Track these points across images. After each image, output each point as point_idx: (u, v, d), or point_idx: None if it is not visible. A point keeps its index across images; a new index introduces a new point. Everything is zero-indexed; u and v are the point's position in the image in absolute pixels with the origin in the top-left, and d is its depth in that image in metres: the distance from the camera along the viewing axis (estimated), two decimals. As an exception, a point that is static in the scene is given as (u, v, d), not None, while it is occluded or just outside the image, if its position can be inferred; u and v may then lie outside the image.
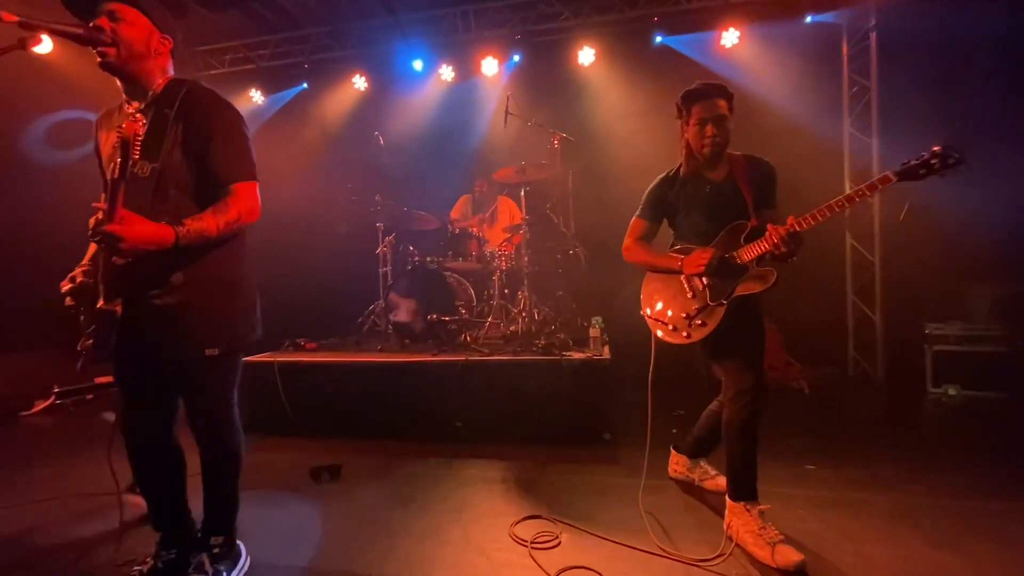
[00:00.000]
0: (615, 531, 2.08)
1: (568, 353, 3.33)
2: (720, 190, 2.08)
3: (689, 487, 2.50)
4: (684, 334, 2.07)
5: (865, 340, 4.73)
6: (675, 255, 2.12)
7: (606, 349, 3.41)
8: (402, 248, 4.46)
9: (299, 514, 2.39)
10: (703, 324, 2.03)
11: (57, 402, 4.42)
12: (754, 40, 4.87)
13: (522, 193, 4.17)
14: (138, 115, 1.44)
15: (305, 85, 5.99)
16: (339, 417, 3.47)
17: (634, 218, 2.28)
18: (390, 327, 4.09)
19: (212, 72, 5.78)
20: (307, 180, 5.69)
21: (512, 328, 3.97)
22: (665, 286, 2.18)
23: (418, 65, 5.61)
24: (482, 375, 3.31)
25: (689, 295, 2.09)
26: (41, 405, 4.35)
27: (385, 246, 4.65)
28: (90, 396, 4.64)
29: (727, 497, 2.03)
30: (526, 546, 2.00)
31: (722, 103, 2.01)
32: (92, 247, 1.69)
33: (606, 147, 5.13)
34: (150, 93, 1.62)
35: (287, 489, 2.66)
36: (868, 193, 1.71)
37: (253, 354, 3.74)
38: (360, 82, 5.73)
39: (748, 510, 1.95)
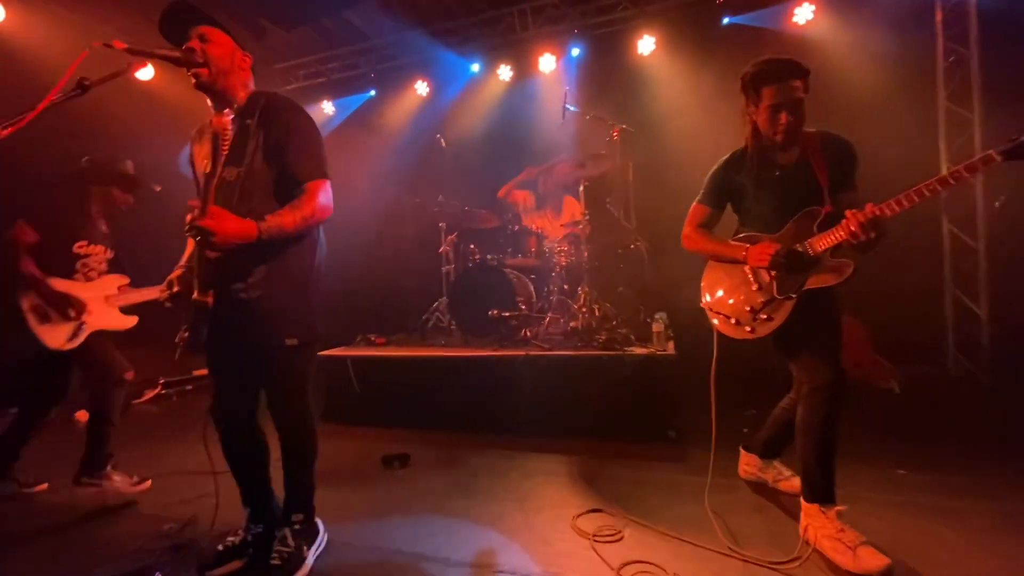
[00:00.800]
0: (680, 529, 2.02)
1: (630, 348, 3.27)
2: (791, 173, 1.94)
3: (761, 488, 2.38)
4: (747, 328, 1.97)
5: (967, 336, 4.27)
6: (739, 244, 2.01)
7: (671, 345, 3.32)
8: (463, 247, 4.57)
9: (370, 498, 2.52)
10: (769, 319, 1.91)
11: (163, 392, 4.94)
12: (831, 9, 4.53)
13: (581, 188, 4.13)
14: (226, 112, 1.58)
15: (372, 92, 6.28)
16: (406, 409, 3.62)
17: (695, 203, 2.17)
18: (452, 323, 4.21)
19: (288, 87, 6.20)
20: (374, 184, 5.96)
21: (572, 324, 3.95)
22: (728, 276, 2.08)
23: (475, 67, 5.74)
24: (543, 370, 3.33)
25: (754, 287, 1.97)
26: (150, 394, 4.87)
27: (447, 245, 4.78)
28: (190, 387, 5.14)
29: (801, 499, 1.92)
30: (588, 539, 1.99)
31: (798, 84, 1.83)
32: (189, 248, 1.88)
33: (668, 137, 4.98)
34: (235, 106, 1.78)
35: (360, 474, 2.82)
36: (967, 175, 1.53)
37: (328, 348, 3.99)
38: (422, 87, 5.93)
39: (824, 512, 1.82)
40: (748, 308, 1.97)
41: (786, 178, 1.95)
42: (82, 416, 4.26)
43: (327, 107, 6.33)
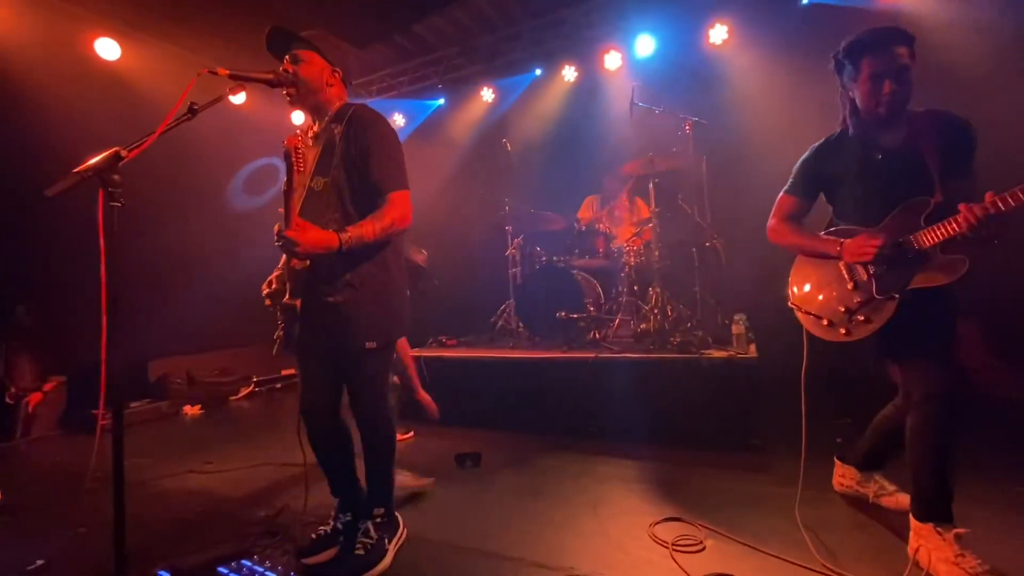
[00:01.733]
0: (768, 542, 1.90)
1: (708, 352, 3.13)
2: (895, 157, 1.74)
3: (860, 503, 2.18)
4: (842, 330, 1.80)
5: (1113, 339, 3.68)
6: (832, 238, 1.84)
7: (752, 348, 3.14)
8: (530, 249, 4.58)
9: (446, 495, 2.58)
10: (867, 320, 1.74)
11: (256, 389, 5.35)
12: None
13: (651, 185, 4.01)
14: (298, 131, 1.69)
15: (442, 100, 6.47)
16: (478, 409, 3.68)
17: (782, 193, 2.01)
18: (520, 325, 4.23)
19: (360, 102, 6.53)
20: (443, 190, 6.14)
21: (643, 326, 3.84)
22: (819, 273, 1.91)
23: (538, 71, 5.76)
24: (614, 373, 3.26)
25: (849, 285, 1.80)
26: (244, 391, 5.30)
27: (514, 248, 4.81)
28: (279, 385, 5.54)
29: (911, 517, 1.74)
30: (667, 547, 1.92)
31: (902, 51, 1.65)
32: (284, 256, 2.03)
33: (744, 129, 4.72)
34: (327, 115, 1.90)
35: (434, 471, 2.89)
36: None
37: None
38: (488, 94, 6.03)
39: (940, 533, 1.64)
40: (842, 308, 1.81)
41: (889, 162, 1.75)
42: (189, 410, 4.72)
43: (398, 118, 6.59)
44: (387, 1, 4.83)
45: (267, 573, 1.85)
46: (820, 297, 1.89)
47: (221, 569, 1.90)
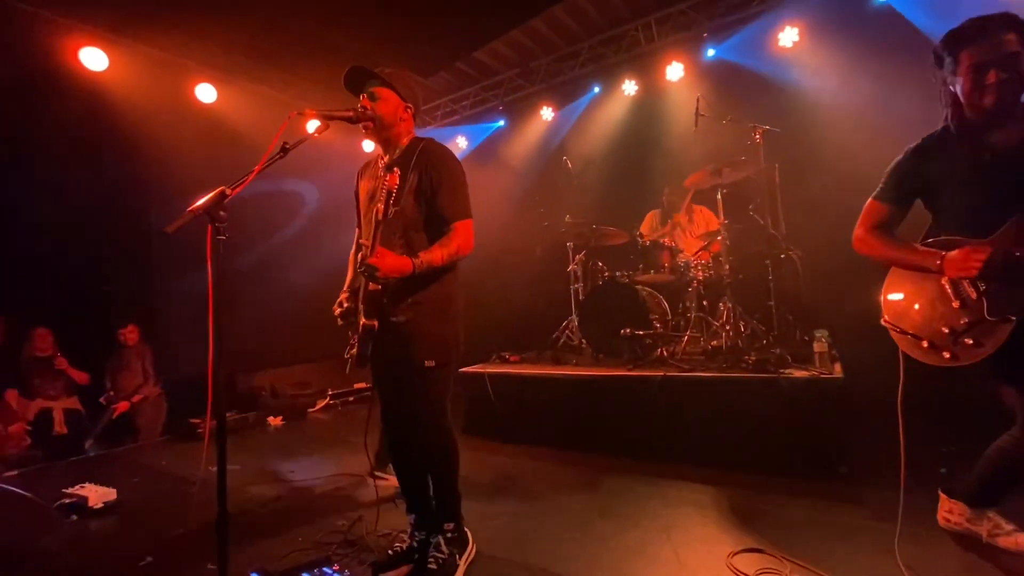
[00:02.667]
0: (863, 582, 1.75)
1: (787, 371, 2.95)
2: (1007, 157, 1.55)
3: (971, 543, 1.95)
4: (946, 354, 1.62)
5: None
6: (932, 250, 1.67)
7: (837, 367, 2.93)
8: (592, 264, 4.55)
9: (513, 513, 2.58)
10: (976, 344, 1.56)
11: (331, 402, 5.64)
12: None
13: (718, 196, 3.89)
14: (396, 170, 1.80)
15: (501, 123, 6.63)
16: (540, 426, 3.66)
17: (871, 200, 1.83)
18: (583, 341, 4.19)
19: (427, 128, 6.83)
20: (504, 209, 6.25)
21: (714, 343, 3.69)
22: (917, 288, 1.74)
23: (597, 89, 5.78)
24: (684, 392, 3.15)
25: (955, 304, 1.62)
26: (321, 404, 5.60)
27: (575, 264, 4.81)
28: (352, 398, 5.80)
29: (1038, 562, 1.54)
30: (748, 581, 1.82)
31: (1010, 37, 1.49)
32: (349, 275, 2.15)
33: (820, 133, 4.47)
34: (397, 150, 2.02)
35: (501, 489, 2.91)
36: None
37: (466, 366, 4.22)
38: (547, 113, 6.11)
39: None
40: (946, 329, 1.64)
41: (1000, 164, 1.56)
42: (273, 421, 5.04)
43: (460, 141, 6.83)
44: (451, 31, 5.05)
45: (346, 582, 1.93)
46: (919, 316, 1.72)
47: (305, 574, 2.00)
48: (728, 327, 3.65)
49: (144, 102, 4.62)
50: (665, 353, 3.64)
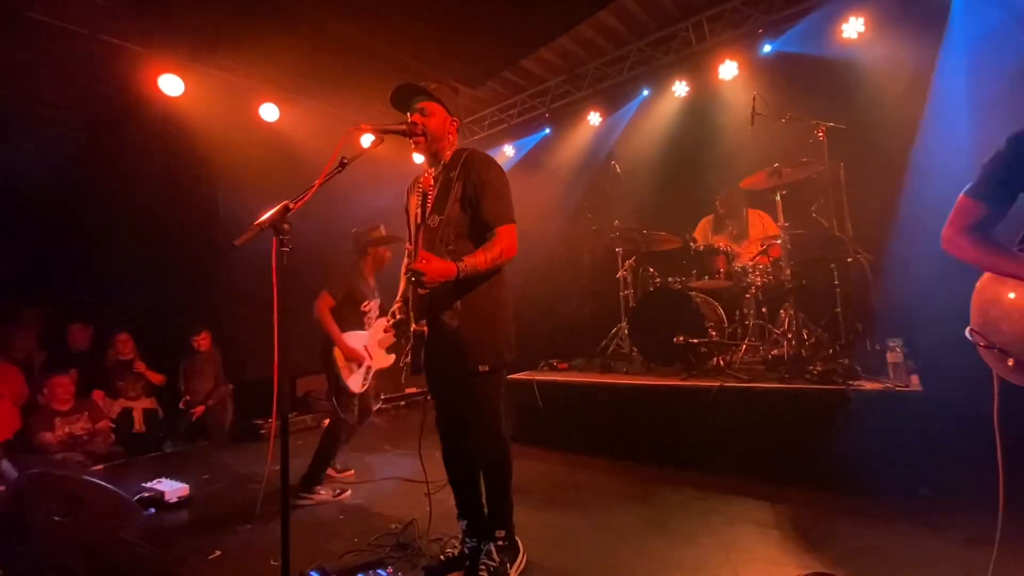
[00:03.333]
0: (952, 616, 1.59)
1: (856, 383, 2.76)
2: None
3: (1082, 579, 1.75)
4: None
5: None
6: None
7: (914, 379, 2.71)
8: (642, 271, 4.45)
9: (563, 523, 2.55)
10: None
11: (384, 406, 5.79)
12: None
13: (777, 198, 3.71)
14: (429, 170, 1.83)
15: (547, 131, 6.63)
16: (590, 435, 3.60)
17: (963, 196, 1.62)
18: (634, 349, 4.10)
19: (475, 138, 6.93)
20: (552, 216, 6.23)
21: (775, 352, 3.52)
22: (1016, 299, 1.56)
23: (646, 91, 5.67)
24: (742, 403, 3.01)
25: None
26: (374, 407, 5.74)
27: (625, 270, 4.71)
28: (403, 403, 5.93)
29: None
30: (818, 607, 1.70)
31: None
32: (401, 286, 2.20)
33: (888, 130, 4.18)
34: (442, 162, 2.06)
35: (552, 498, 2.87)
36: None
37: (514, 373, 4.22)
38: (595, 118, 6.06)
39: None
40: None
41: None
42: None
43: (507, 150, 6.88)
44: (498, 41, 5.11)
45: (399, 585, 1.96)
46: (1012, 329, 1.54)
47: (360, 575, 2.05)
48: (790, 335, 3.47)
49: (214, 123, 4.95)
50: (721, 362, 3.50)
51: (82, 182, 4.92)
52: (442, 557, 2.11)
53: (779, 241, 3.69)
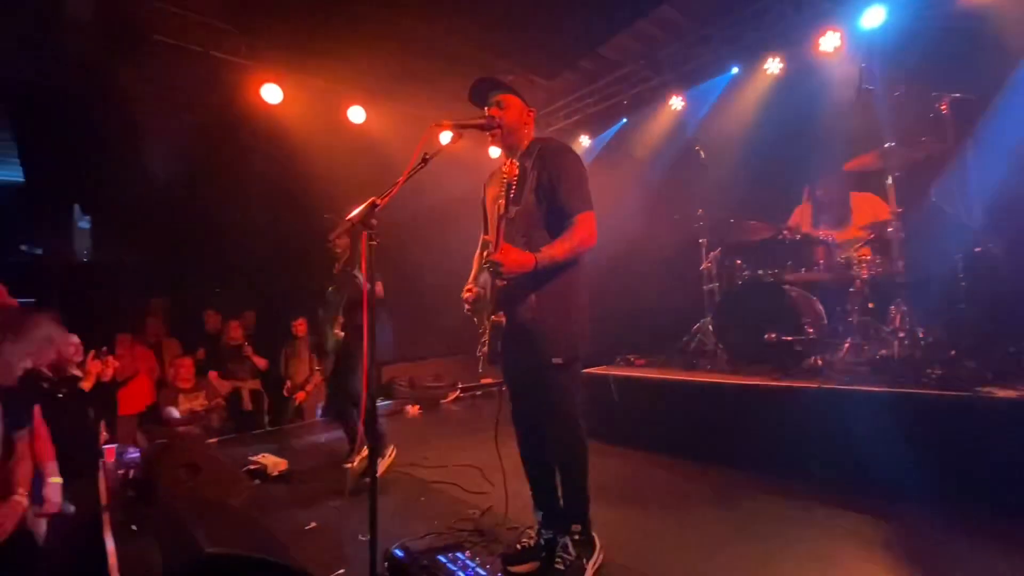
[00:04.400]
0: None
1: (986, 389, 2.42)
2: None
3: None
4: None
5: None
6: None
7: (1060, 387, 2.33)
8: (729, 262, 4.19)
9: (642, 523, 2.48)
10: None
11: (461, 395, 5.97)
12: None
13: (889, 181, 3.33)
14: (513, 160, 1.86)
15: (624, 120, 6.43)
16: (669, 434, 3.46)
17: None
18: (719, 346, 3.88)
19: (549, 130, 6.87)
20: (631, 206, 6.04)
21: (883, 352, 3.17)
22: None
23: (735, 69, 5.30)
24: (843, 408, 2.75)
25: None
26: (452, 396, 5.95)
27: (709, 262, 4.47)
28: (479, 392, 6.08)
29: None
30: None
31: None
32: (473, 271, 2.23)
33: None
34: (519, 153, 2.06)
35: (628, 496, 2.81)
36: None
37: (591, 367, 4.15)
38: (676, 103, 5.78)
39: None
40: None
41: None
42: (411, 410, 5.48)
43: (584, 140, 6.76)
44: (573, 28, 5.02)
45: (478, 570, 2.01)
46: None
47: (440, 557, 2.13)
48: (902, 334, 3.11)
49: (308, 127, 5.32)
50: (820, 362, 3.22)
51: (200, 185, 5.51)
52: (518, 547, 2.14)
53: (890, 229, 3.33)
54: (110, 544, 2.18)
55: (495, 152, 6.60)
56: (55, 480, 2.25)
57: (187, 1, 4.31)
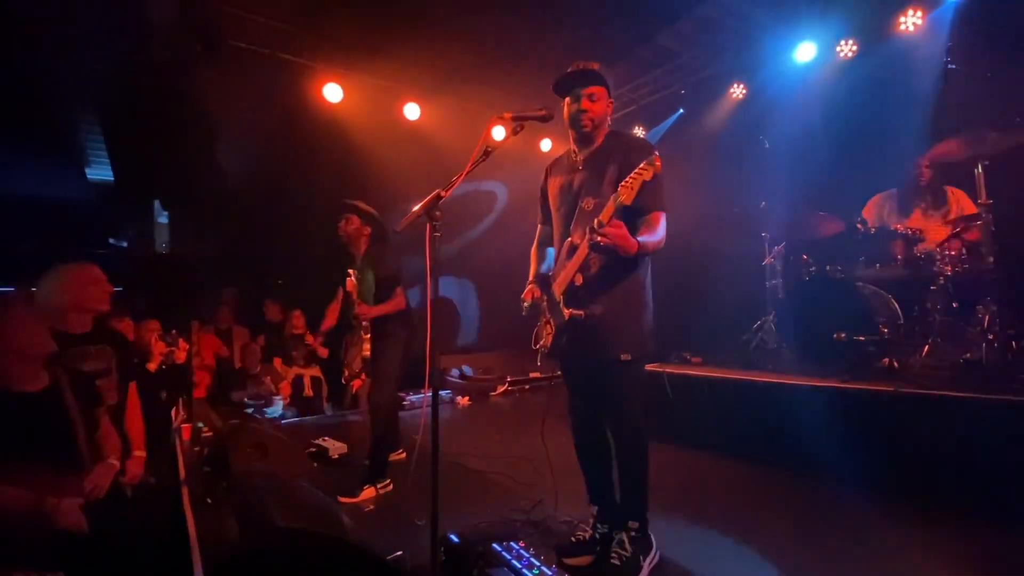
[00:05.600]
0: None
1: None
2: None
3: None
4: None
5: None
6: None
7: None
8: (794, 257, 3.98)
9: (701, 527, 2.41)
10: None
11: (509, 388, 6.01)
12: None
13: (979, 170, 3.06)
14: (577, 151, 1.85)
15: (681, 111, 6.22)
16: (728, 435, 3.35)
17: None
18: (782, 345, 3.70)
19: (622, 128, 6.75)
20: (691, 199, 5.82)
21: (968, 355, 2.93)
22: None
23: (805, 54, 4.98)
24: (922, 415, 2.56)
25: None
26: (500, 389, 5.99)
27: (773, 256, 4.28)
28: (527, 387, 6.10)
29: None
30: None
31: None
32: (532, 269, 2.21)
33: None
34: (595, 144, 2.03)
35: (686, 498, 2.74)
36: None
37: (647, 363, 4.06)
38: (738, 91, 5.54)
39: None
40: None
41: None
42: (462, 401, 5.56)
43: (638, 132, 6.60)
44: (629, 16, 4.89)
45: (533, 560, 2.02)
46: None
47: (495, 545, 2.15)
48: (992, 336, 2.86)
49: (367, 123, 5.50)
50: (896, 365, 3.02)
51: (267, 181, 5.80)
52: (573, 539, 2.13)
53: (978, 223, 3.06)
54: (189, 515, 2.35)
55: (546, 145, 6.58)
56: (139, 453, 2.44)
57: (254, 5, 4.53)
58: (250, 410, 4.75)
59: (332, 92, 5.14)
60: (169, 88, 4.73)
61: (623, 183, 1.71)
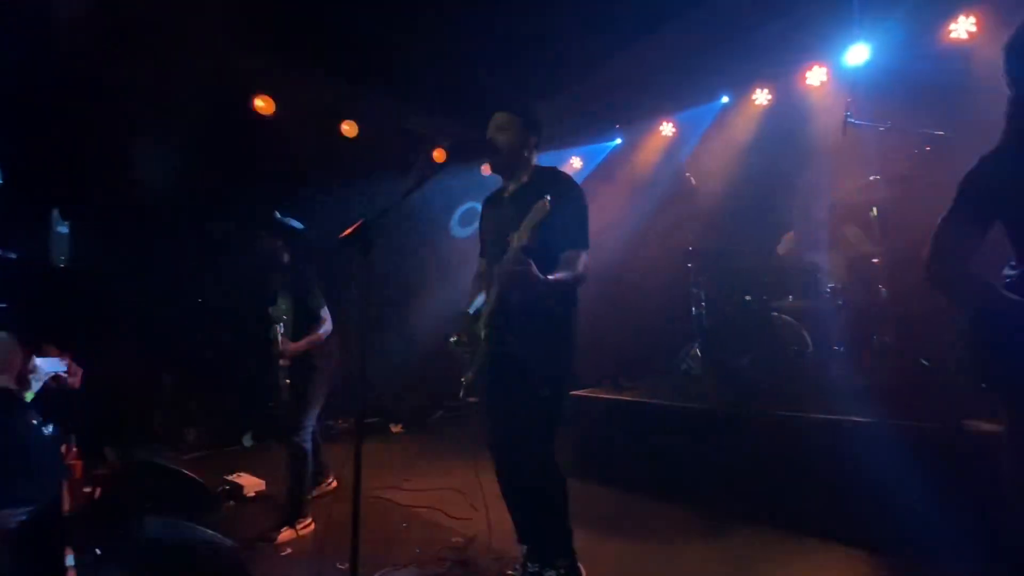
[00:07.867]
0: None
1: (970, 421, 2.44)
2: None
3: None
4: None
5: None
6: None
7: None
8: (716, 288, 4.20)
9: (631, 555, 2.43)
10: None
11: (445, 415, 5.86)
12: None
13: (873, 213, 3.40)
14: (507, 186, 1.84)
15: (619, 141, 6.50)
16: (654, 461, 3.35)
17: None
18: (706, 371, 3.87)
19: (541, 151, 6.89)
20: (621, 229, 6.03)
21: (867, 380, 3.18)
22: None
23: (726, 98, 5.42)
24: (834, 439, 2.74)
25: None
26: (436, 416, 5.82)
27: (697, 287, 4.48)
28: (463, 412, 5.96)
29: None
30: None
31: None
32: (469, 300, 2.17)
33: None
34: (521, 180, 2.06)
35: (615, 526, 2.75)
36: None
37: (575, 389, 4.06)
38: (667, 128, 5.87)
39: None
40: None
41: None
42: (394, 428, 5.35)
43: (575, 162, 6.79)
44: (564, 55, 5.09)
45: (461, 604, 1.93)
46: None
47: (424, 588, 2.05)
48: (888, 364, 3.14)
49: (300, 137, 5.27)
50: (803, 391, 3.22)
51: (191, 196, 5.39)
52: (503, 580, 2.06)
53: (875, 261, 3.38)
54: (70, 560, 2.06)
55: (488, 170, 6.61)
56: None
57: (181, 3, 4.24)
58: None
59: (263, 103, 4.91)
60: (70, 84, 4.31)
61: (523, 223, 1.72)
